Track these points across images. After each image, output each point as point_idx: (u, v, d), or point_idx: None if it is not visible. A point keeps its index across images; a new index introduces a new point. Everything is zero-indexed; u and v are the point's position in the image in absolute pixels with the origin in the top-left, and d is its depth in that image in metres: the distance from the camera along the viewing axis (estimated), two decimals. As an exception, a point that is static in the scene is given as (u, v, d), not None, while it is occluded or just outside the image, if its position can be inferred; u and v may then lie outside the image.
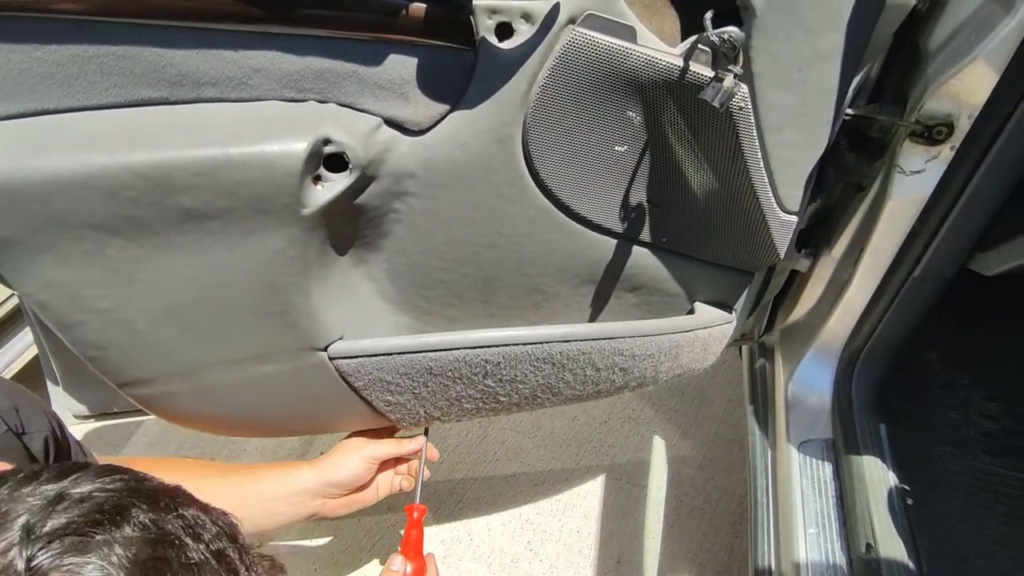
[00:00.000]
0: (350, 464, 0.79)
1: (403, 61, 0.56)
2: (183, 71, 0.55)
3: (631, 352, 0.72)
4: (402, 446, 0.85)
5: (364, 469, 0.80)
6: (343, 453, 0.81)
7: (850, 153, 0.74)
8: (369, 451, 0.81)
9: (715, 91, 0.54)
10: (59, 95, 0.54)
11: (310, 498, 0.78)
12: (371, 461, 0.81)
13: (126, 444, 1.26)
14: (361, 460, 0.80)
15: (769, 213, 0.64)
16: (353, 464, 0.80)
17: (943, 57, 0.64)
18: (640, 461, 1.22)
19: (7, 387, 0.57)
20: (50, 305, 0.58)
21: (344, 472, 0.79)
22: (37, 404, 0.58)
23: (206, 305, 0.61)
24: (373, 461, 0.81)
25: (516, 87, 0.58)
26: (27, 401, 0.57)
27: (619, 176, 0.66)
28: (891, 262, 0.77)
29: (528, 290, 0.72)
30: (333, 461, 0.80)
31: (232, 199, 0.55)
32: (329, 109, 0.57)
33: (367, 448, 0.81)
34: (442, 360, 0.67)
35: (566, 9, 0.55)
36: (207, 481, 0.74)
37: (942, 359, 0.99)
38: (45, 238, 0.54)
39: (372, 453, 0.81)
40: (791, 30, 0.54)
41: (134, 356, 0.63)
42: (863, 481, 0.78)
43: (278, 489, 0.77)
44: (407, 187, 0.62)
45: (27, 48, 0.52)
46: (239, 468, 0.78)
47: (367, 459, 0.81)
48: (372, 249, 0.67)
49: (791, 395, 0.91)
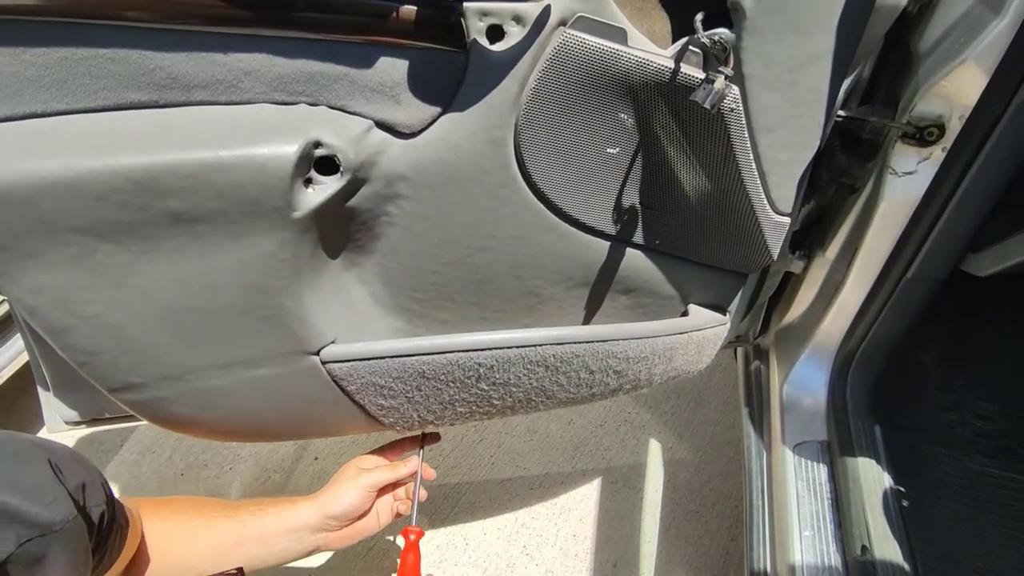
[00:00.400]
0: (347, 495, 0.80)
1: (394, 64, 0.56)
2: (172, 74, 0.54)
3: (625, 355, 0.72)
4: (398, 470, 0.84)
5: (362, 499, 0.80)
6: (339, 485, 0.81)
7: (842, 154, 0.75)
8: (365, 480, 0.81)
9: (706, 93, 0.54)
10: (47, 98, 0.54)
11: (310, 532, 0.78)
12: (368, 490, 0.81)
13: (119, 450, 1.25)
14: (358, 490, 0.80)
15: (762, 215, 0.64)
16: (350, 495, 0.80)
17: (934, 59, 0.65)
18: (636, 464, 1.22)
19: (80, 466, 0.58)
20: (39, 310, 0.58)
21: (342, 504, 0.79)
22: (96, 474, 0.59)
23: (196, 309, 0.60)
24: (370, 489, 0.81)
25: (507, 89, 0.58)
26: (91, 475, 0.58)
27: (611, 178, 0.66)
28: (884, 263, 0.77)
29: (521, 292, 0.72)
30: (330, 493, 0.80)
31: (222, 202, 0.55)
32: (320, 112, 0.57)
33: (363, 477, 0.81)
34: (435, 364, 0.67)
35: (557, 11, 0.55)
36: (207, 523, 0.74)
37: (937, 360, 0.99)
38: (33, 243, 0.54)
39: (368, 482, 0.81)
40: (782, 32, 0.54)
41: (124, 361, 0.62)
42: (858, 483, 0.78)
43: (278, 526, 0.77)
44: (399, 189, 0.62)
45: (15, 51, 0.51)
46: (238, 506, 0.78)
47: (364, 488, 0.81)
48: (364, 252, 0.67)
49: (786, 397, 0.91)
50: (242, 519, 0.76)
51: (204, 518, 0.74)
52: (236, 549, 0.74)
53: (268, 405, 0.69)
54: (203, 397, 0.67)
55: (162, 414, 0.68)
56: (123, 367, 0.63)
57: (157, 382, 0.64)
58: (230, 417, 0.70)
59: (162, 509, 0.73)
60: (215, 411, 0.68)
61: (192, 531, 0.73)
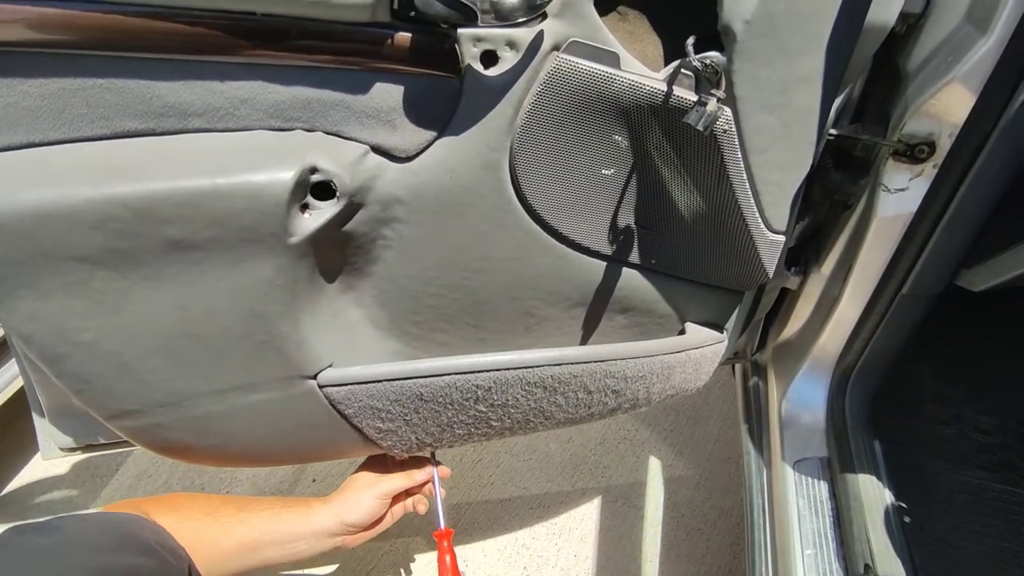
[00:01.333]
0: (365, 503, 0.80)
1: (389, 89, 0.57)
2: (170, 102, 0.55)
3: (623, 374, 0.71)
4: (413, 478, 0.84)
5: (379, 507, 0.81)
6: (356, 491, 0.81)
7: (835, 172, 0.75)
8: (381, 488, 0.81)
9: (699, 115, 0.54)
10: (45, 128, 0.54)
11: (328, 537, 0.78)
12: (384, 497, 0.81)
13: (115, 474, 1.24)
14: (375, 498, 0.80)
15: (756, 233, 0.65)
16: (367, 503, 0.80)
17: (922, 78, 0.65)
18: (636, 482, 1.21)
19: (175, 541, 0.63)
20: (35, 338, 0.58)
21: (360, 512, 0.79)
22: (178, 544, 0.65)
23: (193, 335, 0.60)
24: (386, 497, 0.82)
25: (502, 113, 0.58)
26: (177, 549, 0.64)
27: (607, 199, 0.66)
28: (879, 279, 0.78)
29: (518, 313, 0.72)
30: (348, 500, 0.80)
31: (219, 229, 0.55)
32: (316, 138, 0.58)
33: (379, 485, 0.81)
34: (433, 386, 0.67)
35: (550, 37, 0.55)
36: (221, 529, 0.74)
37: (934, 374, 0.99)
38: (29, 271, 0.54)
39: (384, 489, 0.81)
40: (771, 54, 0.55)
41: (120, 388, 0.62)
42: (859, 500, 0.77)
43: (295, 530, 0.77)
44: (395, 213, 0.62)
45: (12, 82, 0.52)
46: (252, 506, 0.77)
47: (380, 496, 0.81)
48: (361, 275, 0.67)
49: (785, 413, 0.90)
50: (257, 524, 0.75)
51: (217, 523, 0.73)
52: (252, 553, 0.74)
53: (265, 430, 0.69)
54: (200, 423, 0.66)
55: (158, 441, 0.68)
56: (119, 394, 0.62)
57: (153, 409, 0.64)
58: (227, 443, 0.69)
59: (173, 515, 0.71)
60: (212, 437, 0.68)
61: (208, 537, 0.72)
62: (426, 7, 0.50)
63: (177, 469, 1.24)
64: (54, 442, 0.81)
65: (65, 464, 1.24)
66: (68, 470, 1.24)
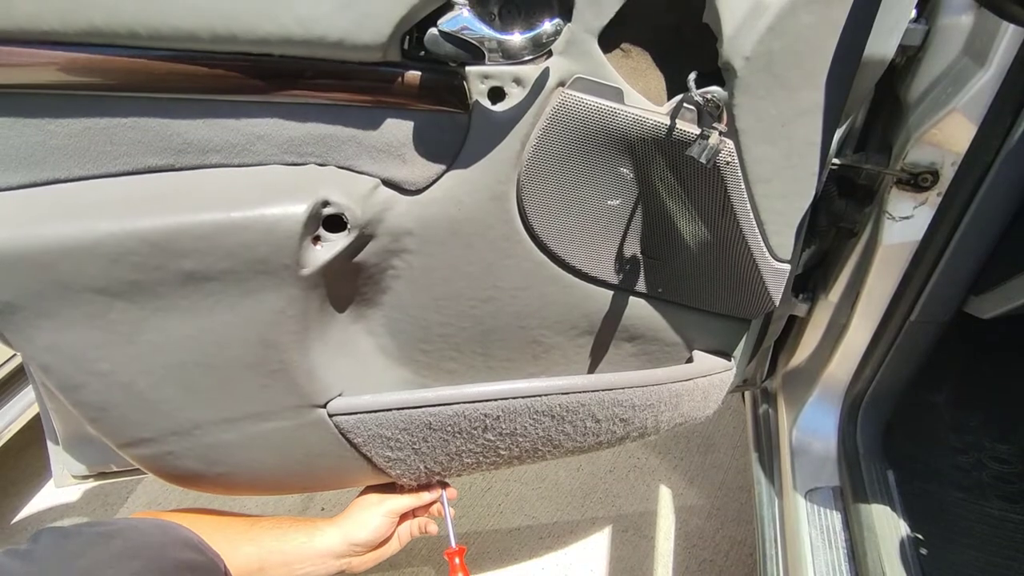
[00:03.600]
0: (372, 522, 0.79)
1: (400, 124, 0.58)
2: (188, 139, 0.57)
3: (631, 403, 0.71)
4: (420, 497, 0.84)
5: (386, 526, 0.80)
6: (363, 511, 0.81)
7: (840, 200, 0.76)
8: (388, 507, 0.81)
9: (701, 148, 0.56)
10: (70, 165, 0.56)
11: (335, 558, 0.77)
12: (392, 516, 0.81)
13: (125, 502, 1.25)
14: (382, 517, 0.80)
15: (761, 262, 0.65)
16: (375, 522, 0.79)
17: (923, 108, 0.66)
18: (647, 511, 1.19)
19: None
20: (53, 368, 0.59)
21: (367, 531, 0.78)
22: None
23: (206, 365, 0.61)
24: (394, 516, 0.81)
25: (509, 147, 0.60)
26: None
27: (613, 229, 0.67)
28: (888, 306, 0.78)
29: (526, 342, 0.73)
30: (355, 519, 0.80)
31: (233, 261, 0.57)
32: (328, 172, 0.59)
33: (386, 504, 0.81)
34: (441, 415, 0.67)
35: (556, 73, 0.57)
36: (230, 546, 0.73)
37: (949, 401, 0.98)
38: (49, 303, 0.56)
39: (392, 508, 0.81)
40: (772, 88, 0.56)
41: (134, 416, 0.63)
42: (873, 531, 0.76)
43: (302, 550, 0.76)
44: (405, 244, 0.64)
45: (41, 122, 0.54)
46: (259, 524, 0.77)
47: (388, 515, 0.80)
48: (371, 305, 0.68)
49: (796, 441, 0.89)
50: (264, 542, 0.75)
51: (227, 541, 0.73)
52: (259, 573, 0.74)
53: (275, 459, 0.70)
54: (211, 452, 0.67)
55: (170, 469, 0.69)
56: (133, 422, 0.63)
57: (166, 437, 0.65)
58: (237, 471, 0.70)
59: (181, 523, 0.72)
60: (222, 465, 0.69)
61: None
62: (435, 47, 0.52)
63: (187, 497, 1.24)
64: (67, 470, 0.81)
65: (77, 492, 1.24)
66: (79, 497, 1.25)
